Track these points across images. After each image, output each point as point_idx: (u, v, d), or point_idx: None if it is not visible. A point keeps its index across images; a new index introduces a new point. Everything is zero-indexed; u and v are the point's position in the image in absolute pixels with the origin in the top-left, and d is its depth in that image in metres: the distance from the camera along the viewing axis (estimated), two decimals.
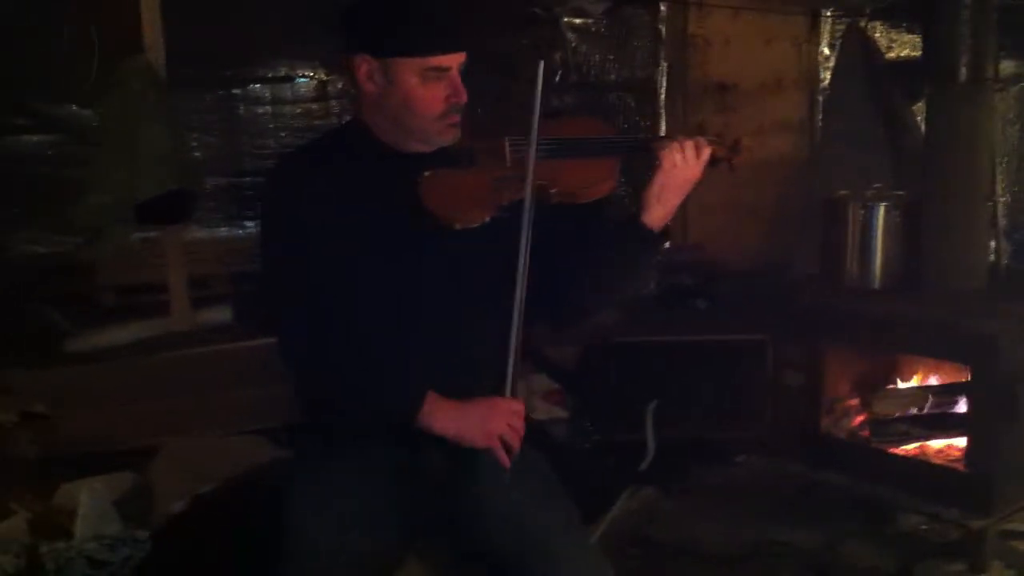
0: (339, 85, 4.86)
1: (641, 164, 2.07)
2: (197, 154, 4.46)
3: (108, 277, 4.06)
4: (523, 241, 1.92)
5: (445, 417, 1.93)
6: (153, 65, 3.78)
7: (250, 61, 4.68)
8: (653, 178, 2.01)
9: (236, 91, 4.73)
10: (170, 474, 3.06)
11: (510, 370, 1.95)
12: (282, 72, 4.79)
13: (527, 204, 1.92)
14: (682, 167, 2.00)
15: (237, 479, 2.88)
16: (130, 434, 3.36)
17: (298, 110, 4.84)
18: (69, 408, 3.32)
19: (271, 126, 4.80)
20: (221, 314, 4.17)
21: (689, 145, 2.01)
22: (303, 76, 4.83)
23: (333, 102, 4.89)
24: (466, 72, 1.97)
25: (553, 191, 1.98)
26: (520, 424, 1.95)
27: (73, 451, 3.23)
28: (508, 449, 1.94)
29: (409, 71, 1.91)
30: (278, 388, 3.34)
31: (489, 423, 1.93)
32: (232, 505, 2.73)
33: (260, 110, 4.79)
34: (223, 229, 4.75)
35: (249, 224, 4.80)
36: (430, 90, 1.92)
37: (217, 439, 3.31)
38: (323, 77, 4.84)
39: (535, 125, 1.93)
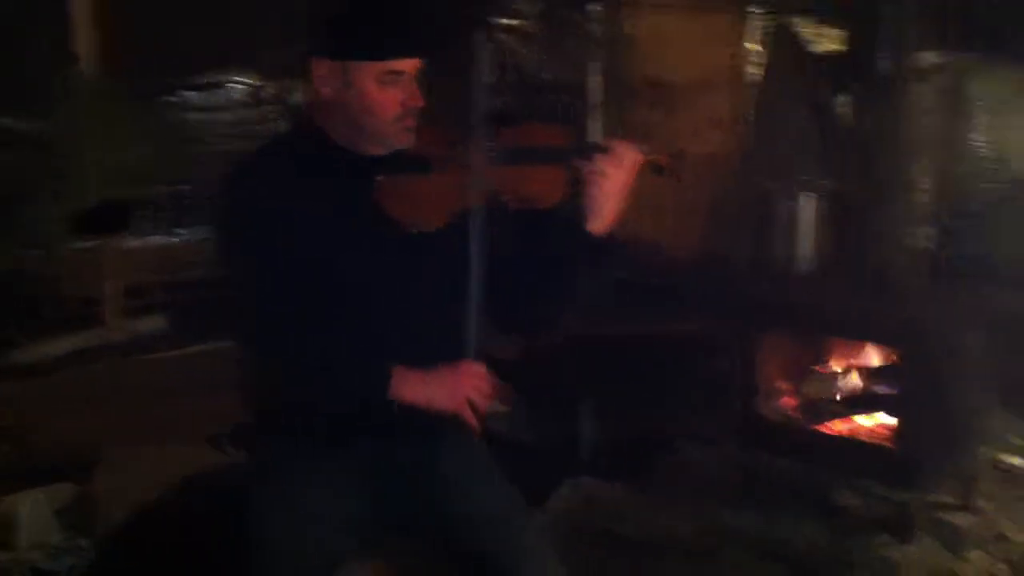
0: (273, 92, 4.86)
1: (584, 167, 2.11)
2: (132, 163, 4.43)
3: (45, 288, 4.03)
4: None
5: (415, 387, 1.93)
6: (88, 75, 3.75)
7: (183, 69, 4.67)
8: (591, 188, 2.06)
9: (169, 99, 4.71)
10: (112, 484, 3.05)
11: (472, 334, 1.97)
12: (216, 79, 4.78)
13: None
14: (611, 173, 2.04)
15: (179, 487, 2.87)
16: (71, 445, 3.34)
17: (232, 117, 4.83)
18: (7, 420, 3.29)
19: (205, 133, 4.79)
20: (157, 323, 4.16)
21: (620, 151, 2.05)
22: (236, 83, 4.82)
23: (267, 108, 4.89)
24: (424, 74, 1.98)
25: (507, 198, 2.02)
26: (485, 386, 1.97)
27: (13, 463, 3.20)
28: (476, 412, 1.96)
29: (366, 74, 1.92)
30: (218, 395, 3.38)
31: (457, 388, 1.94)
32: (175, 513, 2.72)
33: (194, 117, 4.78)
34: (158, 238, 4.73)
35: (184, 232, 4.79)
36: (386, 94, 1.93)
37: (159, 448, 3.29)
38: (256, 83, 4.84)
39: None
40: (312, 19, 1.98)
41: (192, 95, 4.74)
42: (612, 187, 2.05)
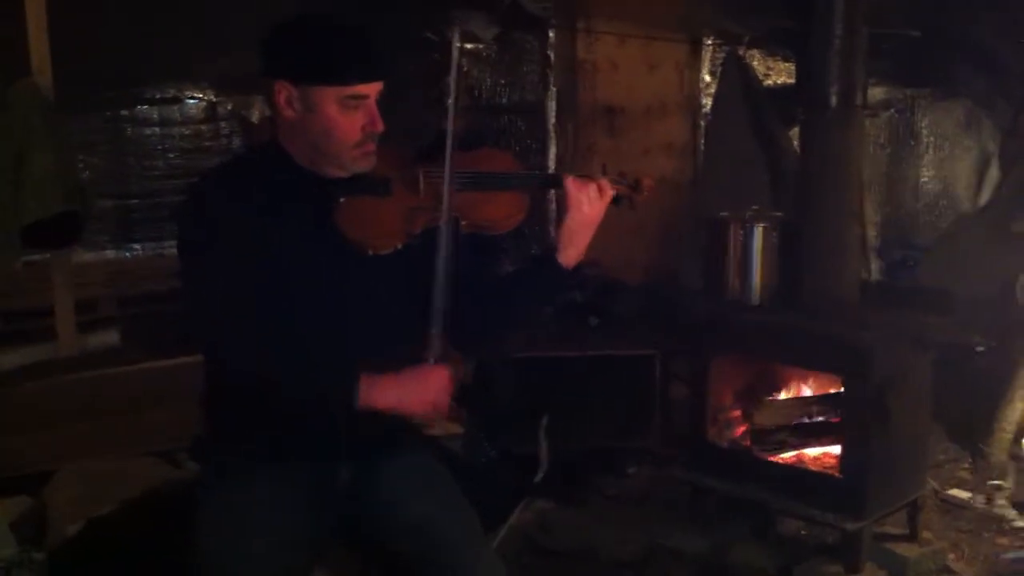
0: (228, 107, 4.85)
1: (543, 198, 2.17)
2: (84, 176, 4.40)
3: None
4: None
5: (384, 391, 1.96)
6: (40, 87, 3.72)
7: (138, 83, 4.65)
8: (563, 222, 2.14)
9: (124, 112, 4.69)
10: (66, 497, 3.03)
11: (435, 330, 2.00)
12: (170, 93, 4.77)
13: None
14: (588, 210, 2.12)
15: (132, 501, 2.86)
16: (23, 459, 3.31)
17: (187, 131, 4.81)
18: None
19: (159, 147, 4.77)
20: (109, 337, 4.12)
21: (593, 187, 2.12)
22: (192, 97, 4.81)
23: (223, 123, 4.88)
24: (383, 99, 2.01)
25: (464, 223, 2.06)
26: (450, 387, 2.01)
27: None
28: (441, 413, 2.01)
29: (328, 99, 1.94)
30: (170, 410, 3.37)
31: (426, 390, 1.98)
32: (129, 527, 2.72)
33: (148, 131, 4.77)
34: (110, 251, 4.69)
35: (136, 246, 4.76)
36: (348, 118, 1.96)
37: (111, 462, 3.27)
38: (212, 99, 4.83)
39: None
40: (274, 43, 1.99)
41: (147, 109, 4.72)
42: (587, 221, 2.11)
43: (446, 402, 2.00)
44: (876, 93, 5.59)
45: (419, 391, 1.98)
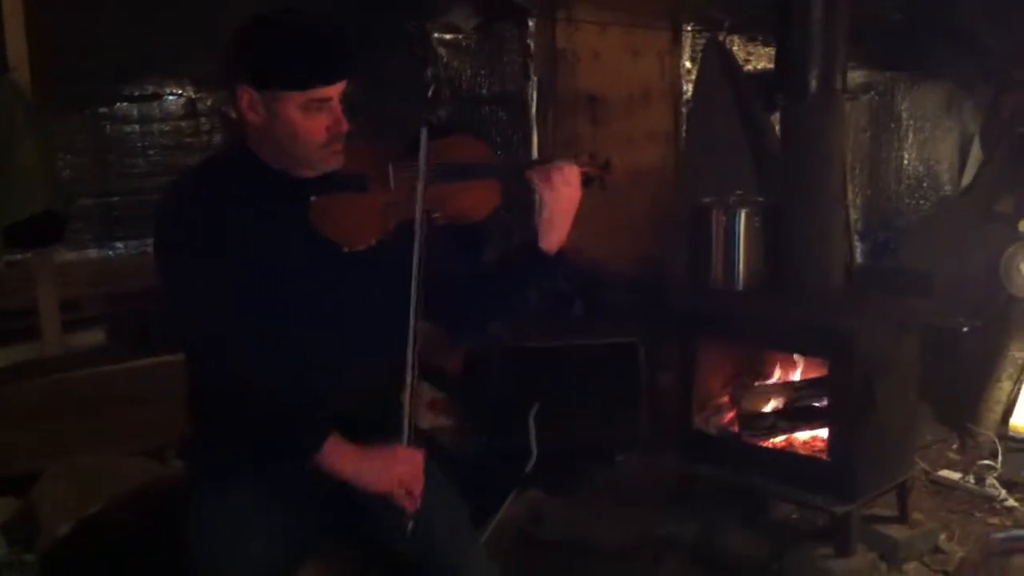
0: (208, 103, 4.82)
1: (521, 186, 2.16)
2: (65, 174, 4.37)
3: None
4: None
5: (344, 460, 1.95)
6: (19, 85, 3.70)
7: (117, 79, 4.62)
8: (540, 209, 2.13)
9: (103, 110, 4.65)
10: (55, 497, 3.02)
11: (406, 418, 2.00)
12: (150, 90, 4.73)
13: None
14: (562, 194, 2.11)
15: (121, 500, 2.85)
16: (11, 459, 3.30)
17: (167, 128, 4.78)
18: None
19: (139, 144, 4.74)
20: (93, 336, 4.11)
21: (561, 172, 2.11)
22: (171, 94, 4.78)
23: (203, 119, 4.85)
24: (347, 96, 2.01)
25: (437, 215, 2.06)
26: (419, 472, 2.00)
27: None
28: (409, 494, 1.99)
29: (291, 103, 1.94)
30: (156, 408, 3.35)
31: (389, 470, 1.97)
32: (119, 526, 2.71)
33: (128, 129, 4.73)
34: (92, 250, 4.66)
35: (119, 245, 4.73)
36: (312, 120, 1.95)
37: (100, 460, 3.26)
38: (192, 95, 4.80)
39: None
40: (234, 48, 1.98)
41: (127, 106, 4.69)
42: (564, 206, 2.11)
43: (416, 485, 1.99)
44: (856, 76, 5.59)
45: (383, 469, 1.97)
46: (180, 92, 4.78)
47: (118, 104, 4.68)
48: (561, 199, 2.11)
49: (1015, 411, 4.14)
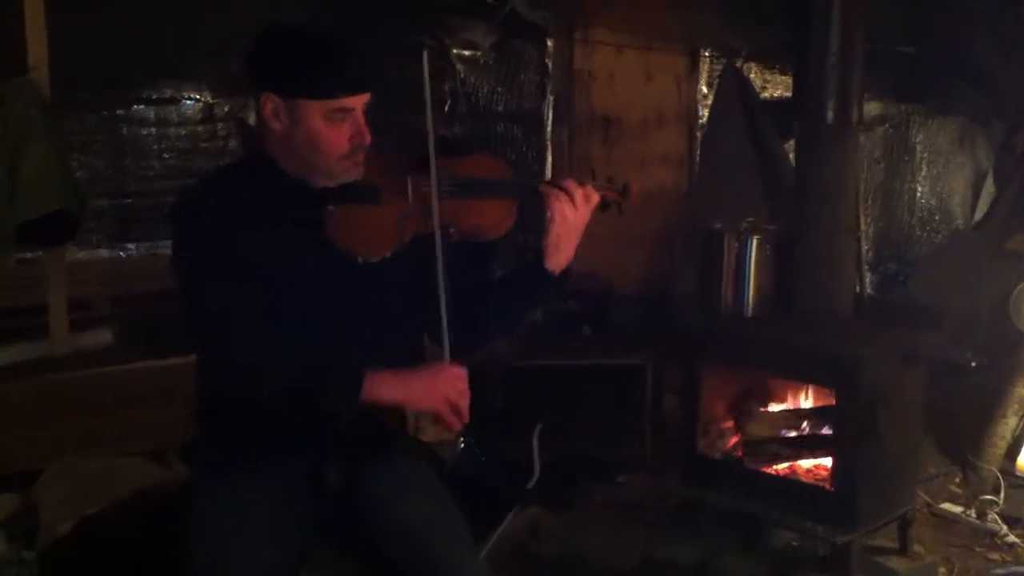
0: (226, 108, 4.84)
1: (534, 205, 2.17)
2: (80, 175, 4.38)
3: None
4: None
5: (390, 386, 1.96)
6: (38, 85, 3.72)
7: (135, 82, 4.63)
8: (548, 228, 2.14)
9: (120, 112, 4.67)
10: (56, 496, 3.02)
11: (444, 318, 1.99)
12: (168, 94, 4.75)
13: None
14: (572, 215, 2.12)
15: (123, 500, 2.86)
16: (14, 456, 3.31)
17: (183, 132, 4.79)
18: None
19: (155, 148, 4.75)
20: (102, 337, 4.11)
21: (580, 194, 2.13)
22: (189, 98, 4.79)
23: (219, 125, 4.86)
24: (371, 109, 2.02)
25: (452, 230, 2.06)
26: (465, 388, 2.00)
27: None
28: (458, 413, 1.99)
29: (314, 112, 1.95)
30: (161, 411, 3.36)
31: (435, 387, 1.98)
32: (119, 526, 2.72)
33: (144, 131, 4.74)
34: (104, 251, 4.68)
35: (131, 246, 4.74)
36: (335, 130, 1.97)
37: (102, 460, 3.27)
38: (209, 100, 4.81)
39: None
40: (259, 55, 2.00)
41: (144, 109, 4.71)
42: (572, 227, 2.12)
43: (463, 402, 1.99)
44: (872, 108, 5.61)
45: (428, 387, 1.98)
46: (198, 97, 4.80)
47: (135, 107, 4.69)
48: (571, 220, 2.12)
49: (1020, 448, 4.13)
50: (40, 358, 3.79)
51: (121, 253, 4.73)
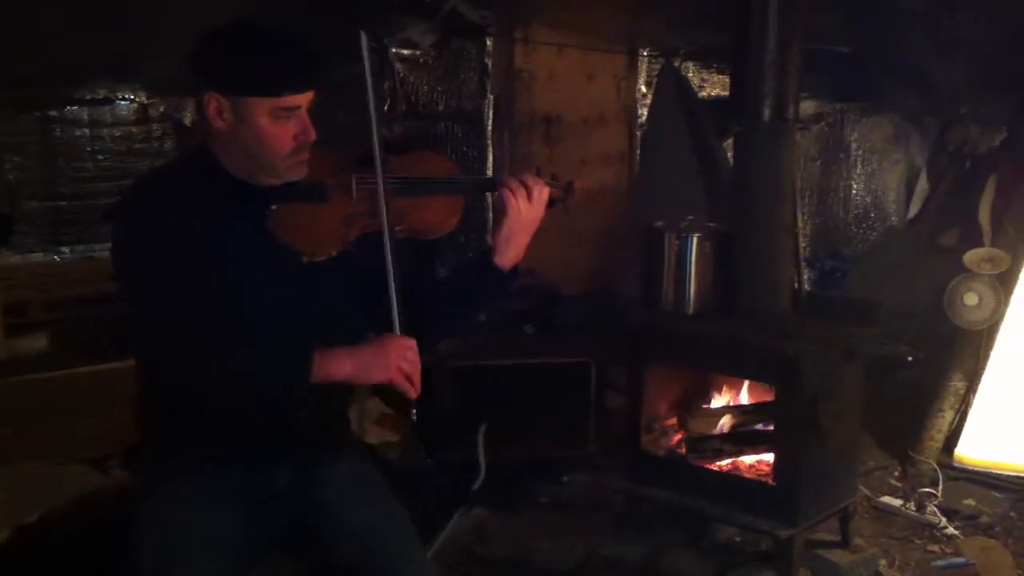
0: (161, 109, 4.78)
1: (481, 201, 2.18)
2: (12, 177, 4.30)
3: None
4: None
5: (340, 360, 1.94)
6: None
7: (68, 83, 4.55)
8: (501, 224, 2.15)
9: (53, 113, 4.59)
10: None
11: (395, 311, 1.98)
12: (101, 94, 4.67)
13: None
14: (526, 211, 2.13)
15: (62, 508, 2.81)
16: None
17: (118, 133, 4.72)
18: None
19: (89, 149, 4.67)
20: (37, 342, 4.04)
21: (537, 189, 2.13)
22: (123, 99, 4.72)
23: (154, 125, 4.80)
24: (315, 106, 2.00)
25: (399, 228, 2.05)
26: (416, 357, 1.98)
27: None
28: (410, 380, 1.97)
29: (259, 110, 1.94)
30: (99, 417, 3.30)
31: (386, 357, 1.95)
32: (57, 534, 2.67)
33: (78, 132, 4.66)
34: (38, 254, 4.59)
35: (65, 249, 4.66)
36: (280, 128, 1.95)
37: (40, 468, 3.21)
38: (144, 100, 4.75)
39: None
40: (204, 53, 1.98)
41: (78, 110, 4.63)
42: (525, 222, 2.12)
43: (414, 369, 1.97)
44: (808, 107, 5.69)
45: (379, 357, 1.96)
46: (132, 97, 4.73)
47: (68, 107, 4.61)
48: (525, 216, 2.13)
49: (957, 440, 4.21)
50: None
51: (55, 256, 4.65)
